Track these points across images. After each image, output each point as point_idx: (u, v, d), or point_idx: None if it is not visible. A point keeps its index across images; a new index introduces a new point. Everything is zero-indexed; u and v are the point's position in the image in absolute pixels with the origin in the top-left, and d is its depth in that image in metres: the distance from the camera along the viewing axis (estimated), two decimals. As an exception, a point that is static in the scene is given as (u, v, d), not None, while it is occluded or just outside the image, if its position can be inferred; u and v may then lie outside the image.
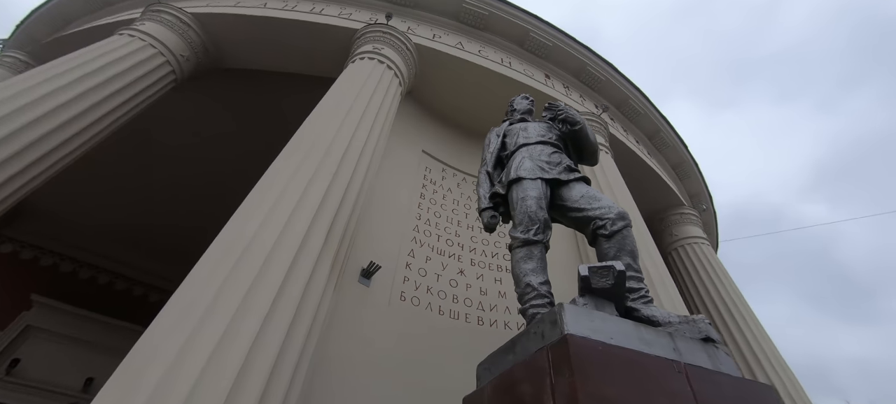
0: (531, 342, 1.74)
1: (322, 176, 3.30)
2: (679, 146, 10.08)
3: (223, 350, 2.15)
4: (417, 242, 5.47)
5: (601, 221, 2.45)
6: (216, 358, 2.11)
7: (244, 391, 2.10)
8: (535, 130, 3.29)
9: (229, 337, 2.20)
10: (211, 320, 2.21)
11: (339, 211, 3.27)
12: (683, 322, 2.00)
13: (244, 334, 2.26)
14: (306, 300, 2.70)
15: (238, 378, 2.10)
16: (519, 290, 2.47)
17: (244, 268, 2.50)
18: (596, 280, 2.05)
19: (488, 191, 3.23)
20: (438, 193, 6.37)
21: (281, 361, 2.38)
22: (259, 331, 2.30)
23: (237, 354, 2.17)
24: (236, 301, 2.32)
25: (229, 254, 2.55)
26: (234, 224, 2.77)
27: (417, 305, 4.83)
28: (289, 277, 2.59)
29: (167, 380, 1.95)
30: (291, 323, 2.51)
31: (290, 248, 2.73)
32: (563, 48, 7.65)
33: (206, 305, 2.27)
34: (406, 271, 5.04)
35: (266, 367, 2.26)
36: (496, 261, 5.96)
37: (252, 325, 2.31)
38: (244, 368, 2.16)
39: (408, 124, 6.73)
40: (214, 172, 8.86)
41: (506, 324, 5.26)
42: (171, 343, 2.13)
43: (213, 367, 2.06)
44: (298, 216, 2.92)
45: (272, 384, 2.28)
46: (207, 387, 2.01)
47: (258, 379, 2.18)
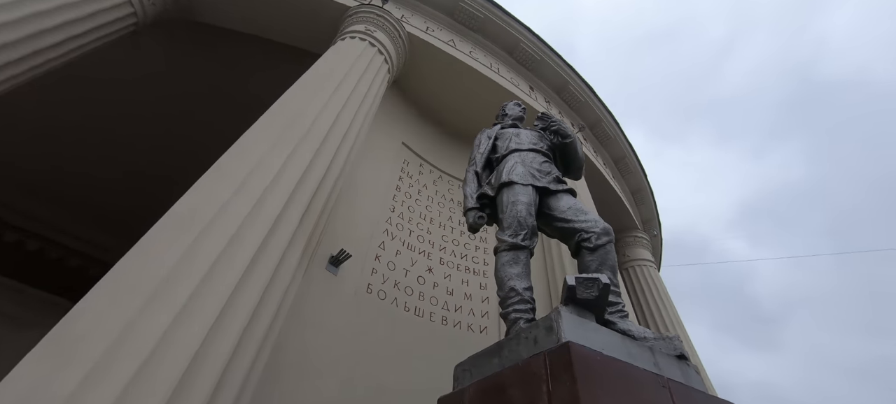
0: (522, 347, 1.72)
1: (304, 150, 3.09)
2: (640, 174, 10.74)
3: (178, 330, 1.92)
4: (389, 235, 5.33)
5: (587, 234, 2.50)
6: (169, 338, 1.88)
7: (198, 378, 1.89)
8: (528, 138, 3.31)
9: (187, 317, 1.97)
10: (167, 294, 1.97)
11: (318, 190, 3.08)
12: (658, 338, 2.08)
13: (204, 314, 2.04)
14: (275, 283, 2.50)
15: (193, 363, 1.88)
16: (502, 293, 2.45)
17: (210, 238, 2.26)
18: (581, 291, 2.08)
19: (476, 190, 3.20)
20: (414, 187, 6.27)
21: (241, 348, 2.18)
22: (220, 314, 2.09)
23: (194, 337, 1.95)
24: (198, 275, 2.09)
25: (193, 221, 2.30)
26: (201, 189, 2.50)
27: (383, 299, 4.70)
28: (260, 255, 2.39)
29: (107, 360, 1.70)
30: (256, 306, 2.31)
31: (264, 223, 2.52)
32: (549, 63, 7.85)
33: (162, 276, 2.02)
34: (375, 263, 4.88)
35: (224, 353, 2.06)
36: (465, 263, 5.97)
37: (212, 306, 2.09)
38: (200, 353, 1.94)
39: (390, 113, 6.55)
40: (166, 136, 8.07)
41: (469, 327, 5.27)
42: (116, 316, 1.87)
43: (164, 349, 1.84)
44: (275, 189, 2.70)
45: (230, 372, 2.08)
46: (156, 371, 1.78)
47: (215, 366, 1.98)
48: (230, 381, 2.08)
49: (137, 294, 1.92)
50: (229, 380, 2.06)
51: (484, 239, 6.48)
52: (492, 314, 5.54)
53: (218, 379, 1.98)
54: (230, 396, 2.08)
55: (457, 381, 2.11)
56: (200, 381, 1.88)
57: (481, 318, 5.43)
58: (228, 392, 2.07)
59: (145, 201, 8.78)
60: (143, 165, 8.58)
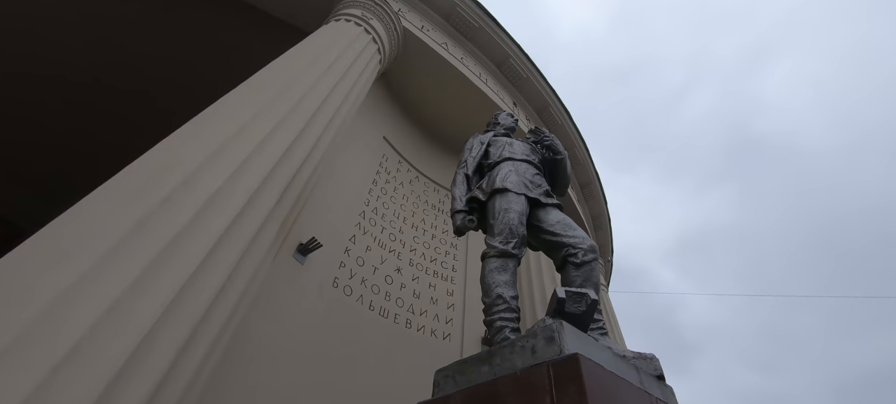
0: (517, 357, 1.67)
1: (292, 124, 2.87)
2: (602, 201, 11.30)
3: (130, 304, 1.66)
4: (361, 229, 5.12)
5: (574, 250, 2.52)
6: (118, 312, 1.62)
7: (146, 363, 1.64)
8: (521, 148, 3.33)
9: (142, 290, 1.71)
10: (120, 261, 1.70)
11: (301, 169, 2.86)
12: (638, 357, 2.13)
13: (162, 289, 1.78)
14: (244, 264, 2.27)
15: (143, 343, 1.63)
16: (487, 300, 2.40)
17: (176, 205, 2.00)
18: (570, 305, 2.08)
19: (465, 193, 3.15)
20: (390, 184, 6.10)
21: (199, 334, 1.94)
22: (180, 291, 1.84)
23: (147, 314, 1.70)
24: (160, 243, 1.83)
25: (159, 181, 2.02)
26: (170, 147, 2.21)
27: (349, 295, 4.48)
28: (232, 230, 2.15)
29: (30, 340, 1.42)
30: (221, 289, 2.07)
31: (240, 196, 2.28)
32: (534, 83, 8.07)
33: (115, 239, 1.74)
34: (344, 256, 4.65)
35: (180, 337, 1.81)
36: (434, 267, 5.88)
37: (173, 280, 1.84)
38: (152, 334, 1.69)
39: (374, 105, 6.36)
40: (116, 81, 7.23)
41: (433, 332, 5.17)
42: (50, 282, 1.57)
43: (112, 322, 1.57)
44: (257, 160, 2.47)
45: (183, 361, 1.83)
46: (98, 348, 1.52)
47: (167, 352, 1.73)
48: (182, 370, 1.83)
49: (73, 262, 1.63)
50: (181, 370, 1.81)
51: (454, 245, 6.44)
52: (456, 321, 5.49)
53: (168, 368, 1.73)
54: (180, 385, 1.82)
55: (437, 387, 2.02)
56: (145, 369, 1.63)
57: (446, 325, 5.35)
58: (178, 380, 1.82)
59: (72, 160, 7.76)
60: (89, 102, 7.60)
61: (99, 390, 1.41)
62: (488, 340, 2.30)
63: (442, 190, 6.98)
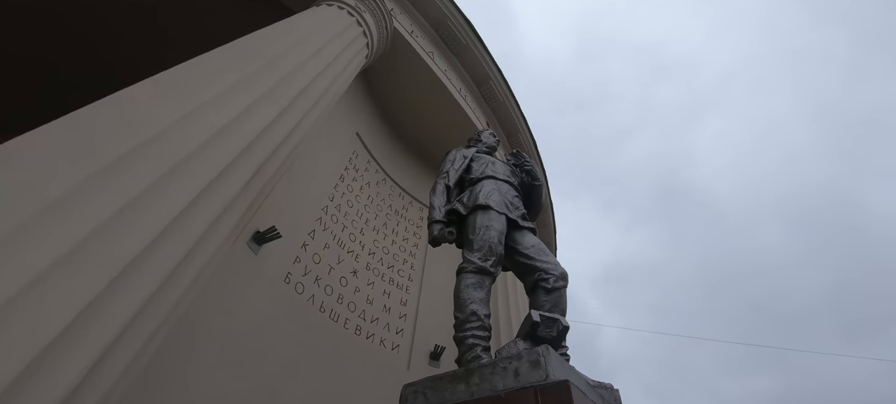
0: (498, 378, 1.65)
1: (274, 101, 2.65)
2: (552, 229, 11.90)
3: (62, 278, 1.39)
4: (322, 224, 4.85)
5: (546, 275, 2.59)
6: (39, 291, 1.34)
7: (78, 342, 1.38)
8: (502, 169, 3.39)
9: (75, 265, 1.44)
10: (57, 224, 1.42)
11: (278, 150, 2.65)
12: (599, 386, 2.22)
13: (101, 266, 1.52)
14: (203, 245, 2.02)
15: (79, 319, 1.37)
16: (461, 315, 2.36)
17: (130, 169, 1.73)
18: (543, 329, 2.13)
19: (444, 204, 3.12)
20: (357, 183, 5.89)
21: (144, 316, 1.67)
22: (129, 264, 1.58)
23: (78, 292, 1.43)
24: (112, 205, 1.57)
25: (116, 136, 1.74)
26: (133, 99, 1.92)
27: (300, 293, 4.18)
28: (196, 205, 1.91)
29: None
30: (177, 266, 1.82)
31: (207, 170, 2.04)
32: (509, 108, 8.36)
33: (52, 198, 1.46)
34: (300, 251, 4.36)
35: (124, 317, 1.55)
36: (390, 274, 5.72)
37: (123, 251, 1.57)
38: (88, 313, 1.43)
39: (352, 99, 6.15)
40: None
41: (382, 341, 4.99)
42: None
43: (38, 295, 1.30)
44: (232, 133, 2.23)
45: (122, 344, 1.56)
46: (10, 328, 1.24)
47: (106, 332, 1.47)
48: (120, 350, 1.56)
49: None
50: (120, 351, 1.55)
51: (413, 254, 6.35)
52: (407, 333, 5.36)
53: (105, 349, 1.46)
54: (112, 373, 1.55)
55: (404, 403, 1.93)
56: (77, 351, 1.36)
57: (396, 335, 5.20)
58: (111, 368, 1.54)
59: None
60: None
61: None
62: (458, 358, 2.26)
63: (407, 196, 6.88)
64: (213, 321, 2.93)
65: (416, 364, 5.07)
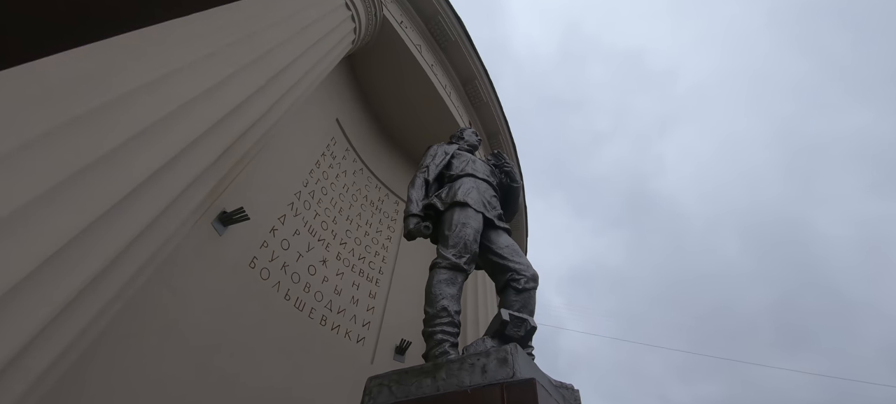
0: (465, 374, 1.67)
1: (248, 80, 2.52)
2: (524, 229, 12.14)
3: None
4: (293, 210, 4.69)
5: (518, 276, 2.64)
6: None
7: (8, 320, 1.26)
8: (482, 168, 3.41)
9: (18, 228, 1.32)
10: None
11: (253, 128, 2.53)
12: (561, 386, 2.28)
13: (49, 231, 1.39)
14: (162, 222, 1.89)
15: (9, 295, 1.24)
16: (431, 310, 2.36)
17: (92, 127, 1.60)
18: (512, 328, 2.17)
19: (422, 198, 3.11)
20: (333, 170, 5.75)
21: (89, 294, 1.55)
22: (76, 236, 1.46)
23: (23, 259, 1.31)
24: (61, 170, 1.44)
25: (75, 93, 1.60)
26: (93, 57, 1.77)
27: (265, 279, 4.03)
28: (157, 177, 1.78)
29: None
30: (130, 243, 1.70)
31: (175, 140, 1.91)
32: (491, 109, 8.43)
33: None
34: (269, 236, 4.20)
35: (62, 295, 1.43)
36: (360, 266, 5.63)
37: (69, 221, 1.45)
38: (26, 284, 1.31)
39: (333, 83, 5.99)
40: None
41: (347, 333, 4.91)
42: None
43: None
44: (204, 105, 2.10)
45: (61, 323, 1.44)
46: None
47: (41, 310, 1.35)
48: (48, 338, 1.44)
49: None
50: (48, 337, 1.42)
51: (385, 247, 6.28)
52: (373, 326, 5.29)
53: (33, 333, 1.34)
54: (45, 357, 1.42)
55: (369, 396, 1.90)
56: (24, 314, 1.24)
57: (362, 327, 5.13)
58: (44, 351, 1.42)
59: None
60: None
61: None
62: (425, 353, 2.26)
63: (384, 188, 6.80)
64: (165, 302, 2.76)
65: (381, 358, 5.02)
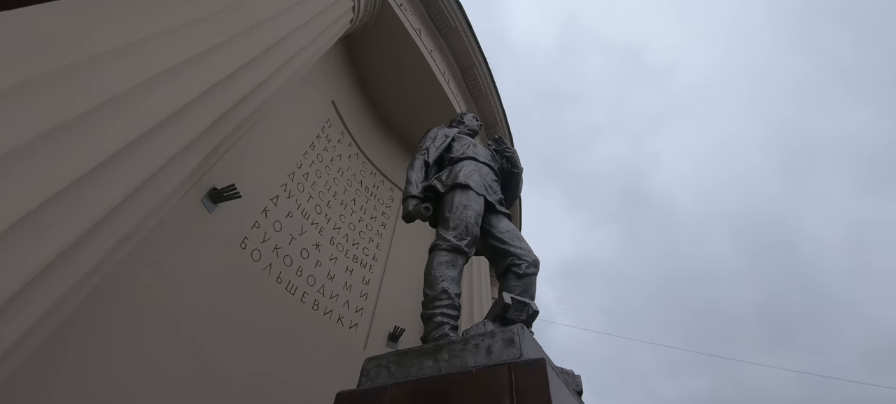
0: (468, 354, 1.60)
1: (241, 48, 2.39)
2: (518, 220, 12.13)
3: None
4: (287, 191, 4.56)
5: (519, 261, 2.58)
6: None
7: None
8: (484, 152, 3.34)
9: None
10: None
11: (243, 101, 2.40)
12: (563, 372, 2.24)
13: (10, 200, 1.28)
14: (143, 194, 1.78)
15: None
16: (431, 292, 2.29)
17: (61, 88, 1.47)
18: (513, 312, 2.11)
19: (422, 179, 3.02)
20: (328, 153, 5.61)
21: (59, 271, 1.44)
22: (37, 208, 1.35)
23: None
24: (23, 133, 1.32)
25: (41, 51, 1.46)
26: (61, 10, 1.63)
27: (257, 261, 3.92)
28: (141, 144, 1.67)
29: None
30: (106, 215, 1.58)
31: (162, 105, 1.79)
32: (490, 98, 8.32)
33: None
34: (260, 216, 4.07)
35: (26, 271, 1.32)
36: (354, 252, 5.54)
37: (46, 186, 1.34)
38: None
39: (330, 64, 5.83)
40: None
41: (340, 319, 4.83)
42: None
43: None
44: (190, 71, 1.98)
45: (44, 284, 1.33)
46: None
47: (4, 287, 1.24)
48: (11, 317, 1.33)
49: None
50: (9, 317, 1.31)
51: (379, 233, 6.18)
52: (366, 312, 5.22)
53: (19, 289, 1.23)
54: (21, 324, 1.32)
55: (366, 377, 1.83)
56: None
57: (355, 313, 5.05)
58: (19, 319, 1.31)
59: None
60: None
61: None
62: (424, 336, 2.19)
63: (379, 174, 6.68)
64: (146, 281, 2.64)
65: (374, 345, 4.96)
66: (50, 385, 2.04)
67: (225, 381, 3.19)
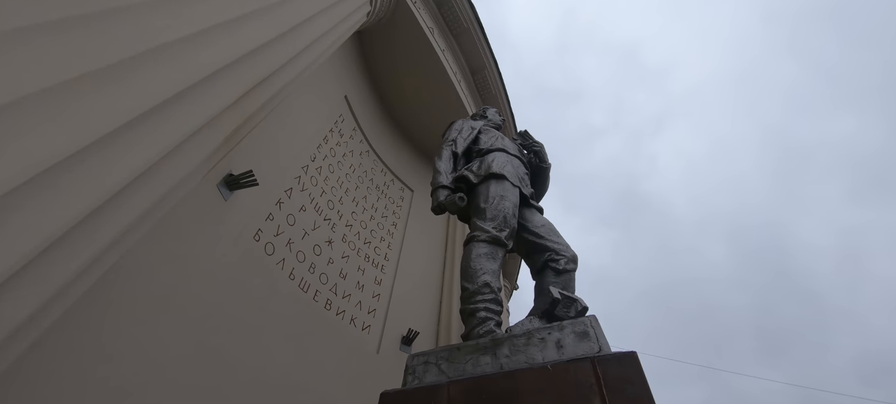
0: (534, 349, 1.44)
1: (269, 22, 2.25)
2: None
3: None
4: (300, 184, 4.39)
5: (557, 256, 2.43)
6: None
7: None
8: (512, 146, 3.21)
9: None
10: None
11: (266, 81, 2.25)
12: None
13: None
14: (167, 167, 1.61)
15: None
16: (472, 286, 2.12)
17: (104, 33, 1.31)
18: (561, 308, 1.96)
19: (451, 169, 2.88)
20: (341, 148, 5.45)
21: (68, 248, 1.27)
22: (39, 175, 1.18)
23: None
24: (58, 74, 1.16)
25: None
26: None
27: (270, 255, 3.74)
28: (162, 112, 1.51)
29: None
30: (125, 186, 1.42)
31: (185, 74, 1.64)
32: (499, 102, 8.22)
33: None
34: (274, 208, 3.90)
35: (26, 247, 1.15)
36: (366, 250, 5.36)
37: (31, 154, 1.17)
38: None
39: (344, 58, 5.71)
40: None
41: (353, 320, 4.63)
42: None
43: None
44: (220, 37, 1.83)
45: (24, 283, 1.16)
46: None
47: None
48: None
49: None
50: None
51: (391, 232, 6.01)
52: (379, 313, 5.02)
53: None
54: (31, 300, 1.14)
55: (412, 375, 1.66)
56: None
57: (368, 315, 4.85)
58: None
59: None
60: None
61: None
62: (466, 333, 2.02)
63: (390, 173, 6.53)
64: (156, 266, 2.45)
65: (387, 347, 4.76)
66: (57, 373, 1.85)
67: (238, 377, 2.99)
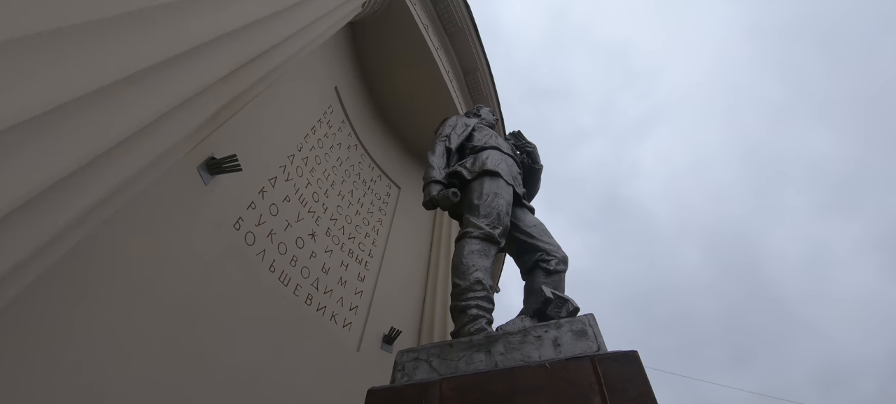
0: (530, 347, 1.41)
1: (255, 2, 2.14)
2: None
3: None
4: (285, 174, 4.24)
5: (548, 256, 2.42)
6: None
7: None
8: (506, 145, 3.19)
9: None
10: None
11: (259, 58, 2.15)
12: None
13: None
14: (146, 141, 1.50)
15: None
16: (463, 283, 2.08)
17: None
18: (553, 308, 1.94)
19: (444, 165, 2.84)
20: (328, 140, 5.32)
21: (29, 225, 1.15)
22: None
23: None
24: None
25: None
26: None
27: (250, 245, 3.58)
28: (137, 81, 1.40)
29: None
30: (91, 161, 1.30)
31: (173, 43, 1.53)
32: (490, 104, 8.24)
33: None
34: (257, 197, 3.74)
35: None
36: (350, 246, 5.23)
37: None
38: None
39: (335, 49, 5.57)
40: None
41: (333, 316, 4.50)
42: None
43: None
44: (211, 12, 1.72)
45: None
46: None
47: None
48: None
49: None
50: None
51: (376, 229, 5.90)
52: (361, 311, 4.91)
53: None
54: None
55: (401, 371, 1.60)
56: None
57: (349, 311, 4.73)
58: None
59: None
60: None
61: None
62: (456, 330, 1.97)
63: (377, 169, 6.42)
64: (126, 250, 2.29)
65: (368, 346, 4.65)
66: (28, 357, 1.68)
67: (214, 371, 2.84)
